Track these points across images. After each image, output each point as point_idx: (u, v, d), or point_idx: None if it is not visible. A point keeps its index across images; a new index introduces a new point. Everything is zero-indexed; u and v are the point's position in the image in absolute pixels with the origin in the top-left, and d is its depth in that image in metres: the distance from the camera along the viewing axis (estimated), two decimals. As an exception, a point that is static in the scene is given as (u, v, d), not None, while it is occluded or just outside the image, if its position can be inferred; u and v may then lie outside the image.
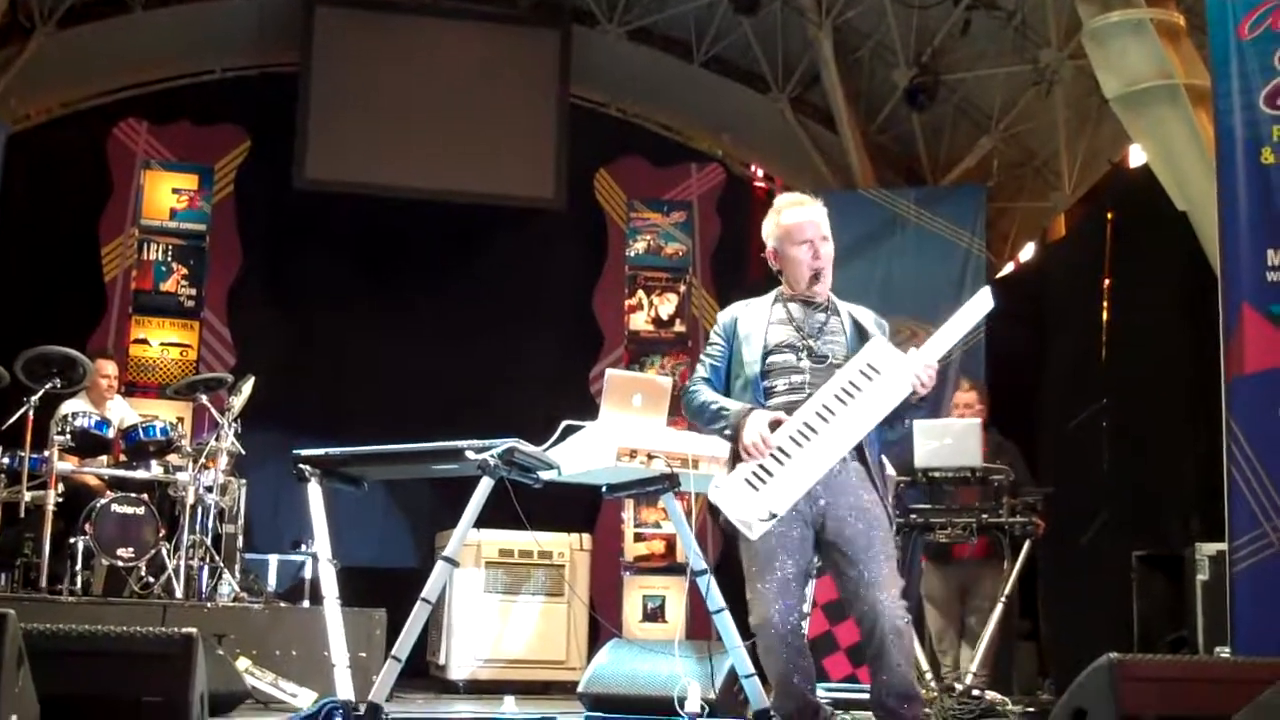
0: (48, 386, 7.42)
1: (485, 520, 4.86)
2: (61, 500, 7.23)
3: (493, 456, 4.49)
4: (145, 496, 7.52)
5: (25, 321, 8.83)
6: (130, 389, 9.78)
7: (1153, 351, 8.20)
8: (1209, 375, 6.13)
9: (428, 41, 10.69)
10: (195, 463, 7.65)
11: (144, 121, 10.40)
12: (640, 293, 11.17)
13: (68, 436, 7.46)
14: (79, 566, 7.19)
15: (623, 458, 4.65)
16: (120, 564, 7.27)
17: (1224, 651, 5.83)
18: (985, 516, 6.84)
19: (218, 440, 7.73)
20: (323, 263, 10.61)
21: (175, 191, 10.40)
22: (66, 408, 7.78)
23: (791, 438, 4.10)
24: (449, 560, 4.65)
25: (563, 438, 4.78)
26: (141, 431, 7.82)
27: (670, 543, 10.47)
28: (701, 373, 4.48)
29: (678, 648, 5.26)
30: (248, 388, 7.85)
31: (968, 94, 10.38)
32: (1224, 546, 5.85)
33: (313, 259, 10.63)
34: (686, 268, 11.20)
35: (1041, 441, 9.12)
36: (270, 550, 8.47)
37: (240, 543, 8.02)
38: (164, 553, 7.40)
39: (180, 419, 9.15)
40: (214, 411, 8.04)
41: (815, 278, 4.38)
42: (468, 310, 10.58)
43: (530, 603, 8.65)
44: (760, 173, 11.71)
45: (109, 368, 8.41)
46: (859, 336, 4.36)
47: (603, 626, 8.48)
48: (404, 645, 4.51)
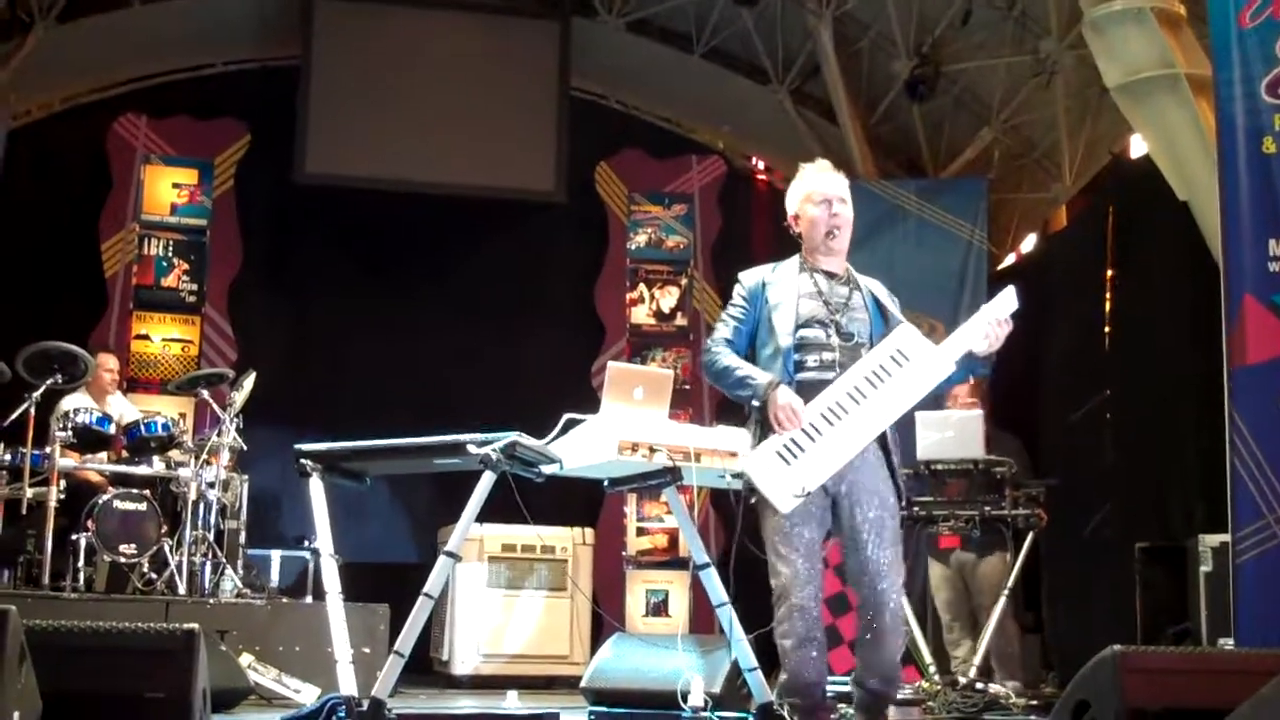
0: (49, 383, 7.40)
1: (487, 515, 4.85)
2: (63, 497, 7.22)
3: (494, 451, 4.48)
4: (147, 492, 7.51)
5: (26, 317, 8.80)
6: (132, 385, 9.77)
7: (1155, 342, 8.19)
8: (1211, 366, 6.13)
9: (427, 34, 10.67)
10: (197, 458, 7.65)
11: (144, 116, 10.36)
12: (641, 286, 11.15)
13: (69, 432, 7.45)
14: (81, 563, 7.18)
15: (624, 451, 4.63)
16: (122, 560, 7.26)
17: (1227, 643, 5.83)
18: (988, 509, 6.85)
19: (219, 436, 7.73)
20: (324, 257, 10.63)
21: (175, 186, 10.37)
22: (67, 403, 7.78)
23: (824, 415, 4.19)
24: (451, 555, 4.65)
25: (564, 431, 4.76)
26: (143, 427, 7.82)
27: (673, 537, 10.45)
28: (724, 333, 4.51)
29: (681, 642, 5.25)
30: (249, 383, 7.84)
31: (968, 85, 10.37)
32: (1227, 538, 5.85)
33: (314, 253, 10.65)
34: (688, 260, 11.18)
35: (1044, 433, 9.12)
36: (273, 546, 8.47)
37: (242, 538, 8.02)
38: (166, 549, 7.40)
39: (182, 415, 9.11)
40: (216, 407, 8.03)
41: (830, 235, 4.44)
42: (468, 304, 10.57)
43: (533, 597, 8.65)
44: (761, 165, 11.69)
45: (110, 362, 8.41)
46: (880, 314, 4.46)
47: (606, 621, 8.47)
48: (407, 640, 4.50)
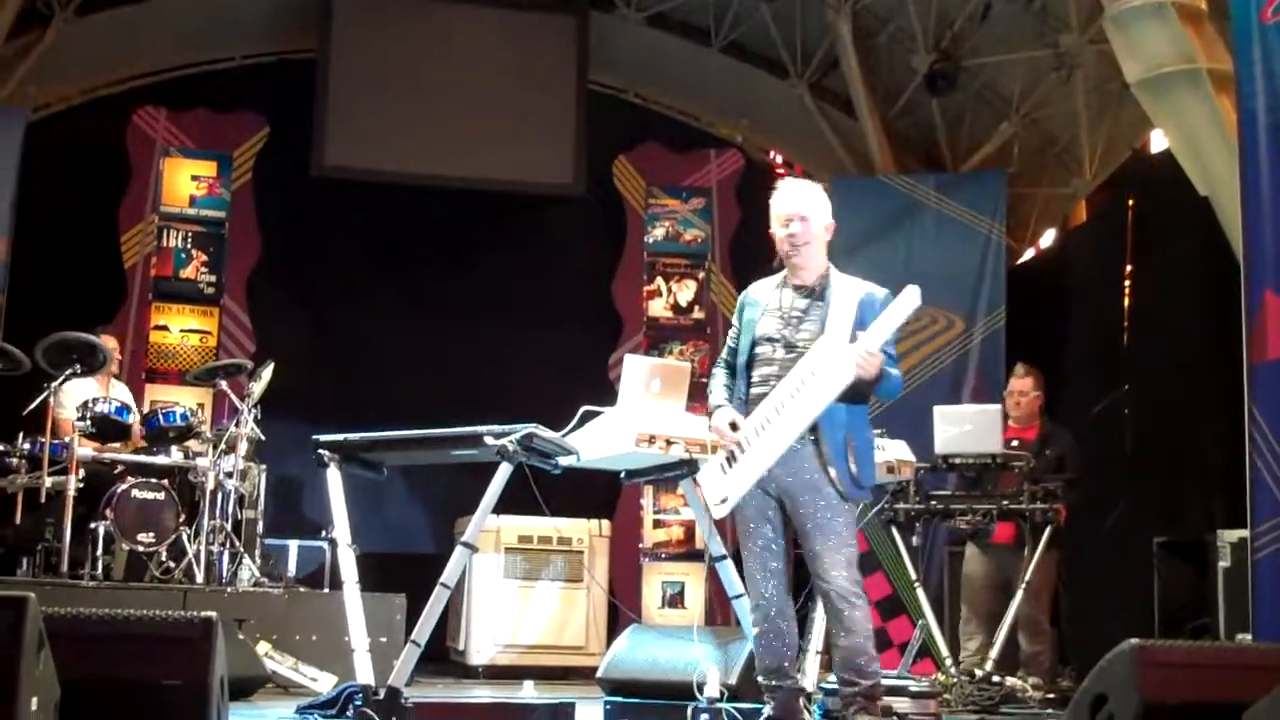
0: (68, 373, 7.43)
1: (504, 506, 4.88)
2: (82, 486, 7.26)
3: (511, 442, 4.50)
4: (166, 482, 7.54)
5: (46, 308, 8.84)
6: (150, 375, 9.87)
7: (1174, 338, 8.16)
8: (1231, 361, 6.10)
9: (445, 27, 10.67)
10: (215, 448, 7.67)
11: (163, 108, 10.38)
12: (659, 279, 11.14)
13: (88, 422, 7.49)
14: (99, 551, 7.22)
15: (641, 443, 4.66)
16: (141, 549, 7.30)
17: (1246, 638, 5.82)
18: (1006, 503, 6.84)
19: (238, 426, 7.75)
20: (342, 249, 10.64)
21: (194, 178, 10.40)
22: (75, 389, 7.77)
23: (755, 429, 4.38)
24: (468, 545, 4.66)
25: (582, 423, 4.78)
26: (162, 417, 7.87)
27: (689, 529, 10.45)
28: (724, 354, 4.71)
29: (697, 633, 5.26)
30: (267, 374, 7.86)
31: (988, 79, 10.33)
32: (1246, 533, 5.83)
33: (332, 245, 10.66)
34: (705, 254, 11.17)
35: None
36: (290, 535, 8.49)
37: (260, 528, 8.07)
38: (184, 538, 7.43)
39: (200, 405, 9.14)
40: (234, 397, 8.04)
41: (787, 255, 4.57)
42: (486, 296, 10.57)
43: (549, 588, 8.65)
44: (779, 159, 11.66)
45: (110, 343, 8.38)
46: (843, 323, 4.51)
47: (622, 612, 8.48)
48: (423, 630, 4.53)
